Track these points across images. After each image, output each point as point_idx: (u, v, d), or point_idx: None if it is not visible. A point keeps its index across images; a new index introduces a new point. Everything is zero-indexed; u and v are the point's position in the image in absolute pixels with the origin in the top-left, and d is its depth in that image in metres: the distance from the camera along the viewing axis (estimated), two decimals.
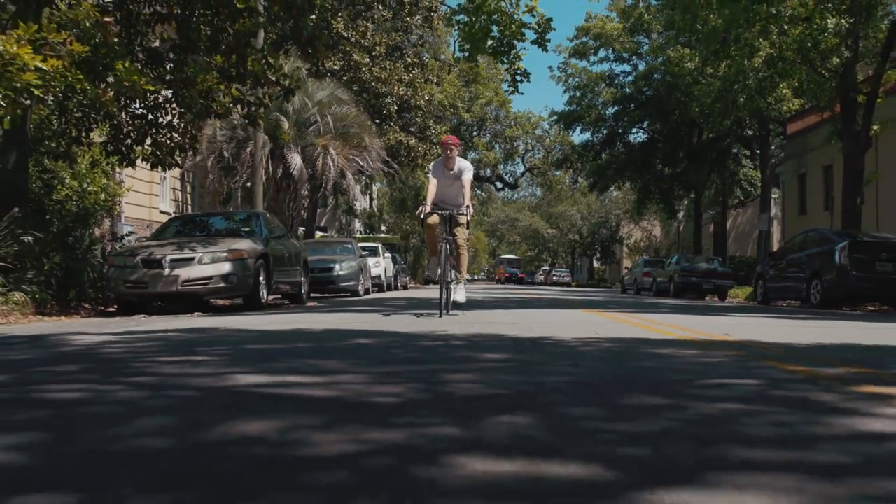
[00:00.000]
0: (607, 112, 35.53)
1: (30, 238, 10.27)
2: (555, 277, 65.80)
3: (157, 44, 13.15)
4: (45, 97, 9.17)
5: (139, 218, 24.85)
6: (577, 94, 36.10)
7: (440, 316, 7.61)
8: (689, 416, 2.19)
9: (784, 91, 24.36)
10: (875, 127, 20.37)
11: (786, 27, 19.10)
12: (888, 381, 3.02)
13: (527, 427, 2.03)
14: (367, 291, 20.30)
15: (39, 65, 8.52)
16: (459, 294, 8.31)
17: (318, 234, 32.80)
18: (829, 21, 18.82)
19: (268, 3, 11.91)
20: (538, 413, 2.22)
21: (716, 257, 27.65)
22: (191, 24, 12.79)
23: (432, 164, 9.20)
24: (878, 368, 3.49)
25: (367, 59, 26.96)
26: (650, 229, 59.61)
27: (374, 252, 24.61)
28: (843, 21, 18.89)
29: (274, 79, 12.88)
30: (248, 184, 24.61)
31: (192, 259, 9.93)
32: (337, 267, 18.52)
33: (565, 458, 1.67)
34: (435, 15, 29.38)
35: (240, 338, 5.03)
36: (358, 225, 49.55)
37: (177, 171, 24.43)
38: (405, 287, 31.68)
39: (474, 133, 44.33)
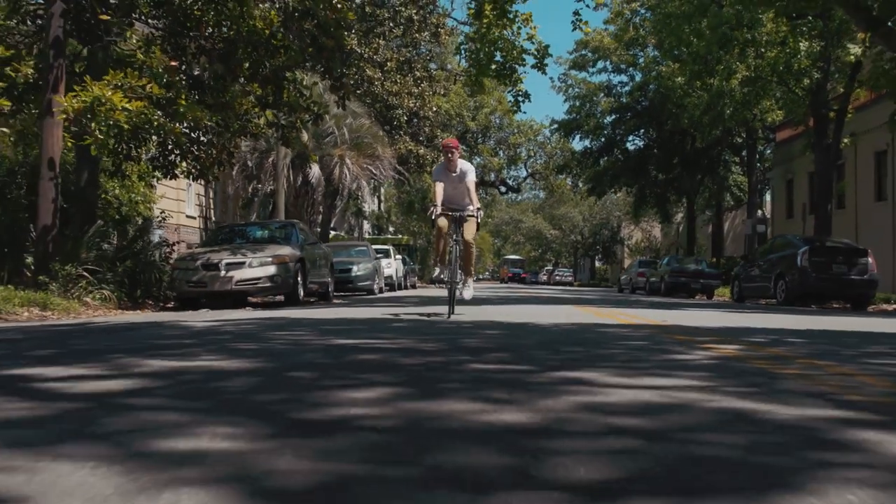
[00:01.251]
0: (605, 121, 37.57)
1: (107, 245, 12.32)
2: (558, 277, 67.90)
3: (196, 71, 15.10)
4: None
5: (168, 222, 26.82)
6: (577, 103, 38.19)
7: (448, 317, 8.01)
8: (591, 354, 4.17)
9: (767, 103, 26.26)
10: (845, 140, 22.28)
11: (762, 50, 21.05)
12: (727, 342, 4.98)
13: (504, 357, 4.00)
14: (381, 290, 22.30)
15: (126, 106, 10.55)
16: (467, 291, 8.53)
17: (331, 233, 34.83)
18: (801, 44, 20.74)
19: (302, 46, 13.80)
20: (511, 353, 4.19)
21: (703, 258, 29.57)
22: (233, 58, 14.70)
23: (435, 167, 9.17)
24: (735, 337, 5.46)
25: (380, 74, 28.91)
26: (650, 230, 61.50)
27: (386, 254, 26.62)
28: (814, 45, 20.81)
29: (305, 105, 14.89)
30: (270, 190, 26.66)
31: (243, 263, 11.93)
32: (355, 268, 20.51)
33: (519, 364, 3.65)
34: (442, 31, 31.32)
35: (310, 322, 7.01)
36: (367, 226, 51.62)
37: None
38: (413, 286, 33.69)
39: (479, 140, 46.44)
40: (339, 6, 12.83)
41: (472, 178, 8.51)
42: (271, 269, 12.01)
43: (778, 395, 2.77)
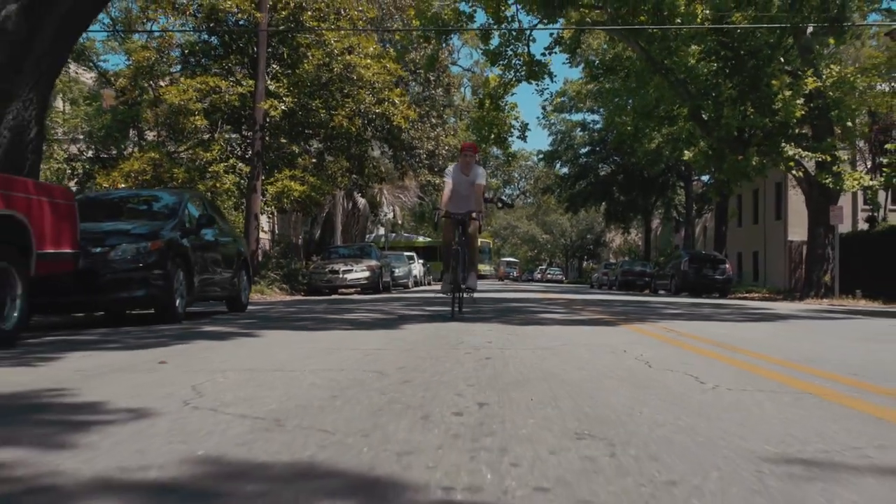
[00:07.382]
0: (581, 151, 47.32)
1: (274, 259, 22.02)
2: (549, 276, 77.65)
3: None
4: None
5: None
6: (559, 137, 47.96)
7: (451, 316, 8.66)
8: (514, 299, 13.86)
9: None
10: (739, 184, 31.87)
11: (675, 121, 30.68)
12: (563, 299, 14.64)
13: (486, 304, 13.71)
14: (412, 285, 31.99)
15: (297, 188, 20.26)
16: (471, 280, 8.97)
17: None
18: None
19: (379, 142, 23.47)
20: (491, 304, 13.89)
21: (648, 262, 39.24)
22: (330, 144, 24.26)
23: (450, 166, 9.13)
24: (569, 300, 15.09)
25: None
26: (626, 235, 71.13)
27: (412, 258, 36.30)
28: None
29: (376, 174, 24.63)
30: (326, 213, 36.29)
31: (352, 269, 21.58)
32: (397, 270, 30.15)
33: (490, 303, 13.37)
34: (452, 88, 41.09)
35: (409, 296, 16.65)
36: (382, 230, 61.46)
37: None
38: (430, 283, 43.41)
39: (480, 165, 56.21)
40: (404, 121, 22.44)
41: (481, 183, 8.66)
42: (367, 273, 21.67)
43: (549, 307, 12.47)
